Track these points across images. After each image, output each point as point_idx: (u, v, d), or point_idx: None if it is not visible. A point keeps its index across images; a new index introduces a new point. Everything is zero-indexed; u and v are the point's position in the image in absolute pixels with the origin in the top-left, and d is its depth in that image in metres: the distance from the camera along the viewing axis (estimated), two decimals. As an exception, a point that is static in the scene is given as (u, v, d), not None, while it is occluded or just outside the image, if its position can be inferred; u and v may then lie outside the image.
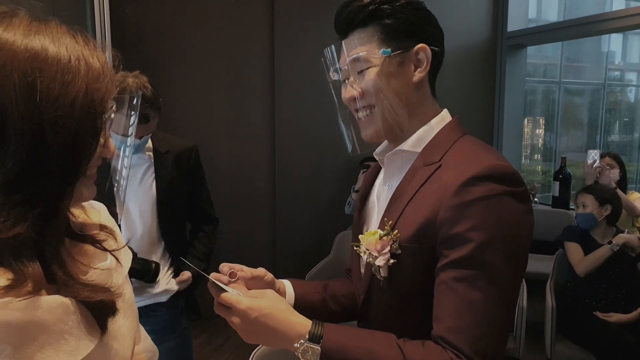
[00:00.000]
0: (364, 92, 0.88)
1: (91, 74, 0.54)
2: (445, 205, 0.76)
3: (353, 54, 0.87)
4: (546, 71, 7.77)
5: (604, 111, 8.01)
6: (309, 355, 0.74)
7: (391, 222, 0.83)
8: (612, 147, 8.11)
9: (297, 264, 3.40)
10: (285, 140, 3.70)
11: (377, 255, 0.82)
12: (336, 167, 3.87)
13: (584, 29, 4.03)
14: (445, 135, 0.87)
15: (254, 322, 0.76)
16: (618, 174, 3.04)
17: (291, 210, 3.80)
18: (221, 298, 0.79)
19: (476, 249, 0.73)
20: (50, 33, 0.53)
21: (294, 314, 0.79)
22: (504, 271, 0.74)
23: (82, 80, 0.52)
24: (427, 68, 0.86)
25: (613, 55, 8.76)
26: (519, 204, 0.76)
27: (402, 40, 0.86)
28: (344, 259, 2.85)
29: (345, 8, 0.88)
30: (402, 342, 0.76)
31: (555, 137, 7.49)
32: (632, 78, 9.30)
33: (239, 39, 3.49)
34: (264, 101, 3.63)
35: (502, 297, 0.74)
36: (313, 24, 3.59)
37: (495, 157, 0.79)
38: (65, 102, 0.51)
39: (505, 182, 0.75)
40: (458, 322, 0.73)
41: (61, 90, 0.50)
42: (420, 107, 0.89)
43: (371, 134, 0.91)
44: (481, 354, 0.72)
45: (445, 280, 0.75)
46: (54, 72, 0.51)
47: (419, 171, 0.84)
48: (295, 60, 3.61)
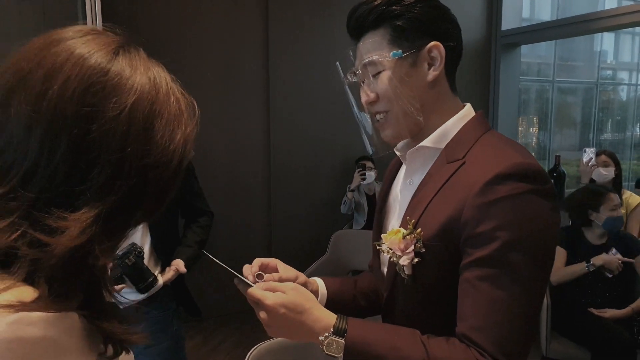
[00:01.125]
0: (379, 96, 0.87)
1: (185, 119, 0.55)
2: (469, 204, 0.75)
3: (365, 58, 0.87)
4: (540, 70, 7.81)
5: (596, 110, 8.06)
6: (333, 349, 0.75)
7: (414, 221, 0.82)
8: (604, 146, 8.17)
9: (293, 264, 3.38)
10: (281, 139, 3.69)
11: (401, 255, 0.82)
12: (332, 166, 3.87)
13: (577, 27, 4.05)
14: (468, 131, 0.86)
15: (281, 317, 0.77)
16: (613, 172, 3.04)
17: (287, 209, 3.79)
18: (248, 294, 0.80)
19: (501, 247, 0.73)
20: (159, 72, 0.54)
21: (320, 309, 0.80)
22: (528, 270, 0.73)
23: (184, 127, 0.54)
24: (441, 65, 0.85)
25: (605, 54, 8.82)
26: (544, 202, 0.75)
27: (414, 40, 0.84)
28: (341, 258, 2.85)
29: (355, 11, 0.88)
30: (426, 338, 0.77)
31: (549, 136, 7.53)
32: (624, 77, 9.38)
33: (234, 37, 3.48)
34: (258, 101, 3.62)
35: (526, 296, 0.73)
36: (307, 22, 3.58)
37: (520, 154, 0.78)
38: (170, 150, 0.52)
39: (531, 180, 0.75)
40: (482, 320, 0.73)
41: (170, 137, 0.52)
42: (439, 104, 0.88)
43: (390, 135, 0.90)
44: (505, 353, 0.72)
45: (469, 278, 0.75)
46: (166, 120, 0.52)
47: (442, 168, 0.84)
48: (290, 58, 3.60)
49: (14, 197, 0.47)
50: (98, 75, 0.48)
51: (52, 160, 0.47)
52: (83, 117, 0.47)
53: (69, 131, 0.47)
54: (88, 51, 0.49)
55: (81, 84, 0.47)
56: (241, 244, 3.59)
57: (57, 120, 0.47)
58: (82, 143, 0.47)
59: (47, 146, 0.47)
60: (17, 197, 0.47)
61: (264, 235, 3.77)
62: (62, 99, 0.47)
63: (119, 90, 0.49)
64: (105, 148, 0.48)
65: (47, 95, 0.47)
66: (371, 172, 3.34)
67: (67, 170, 0.47)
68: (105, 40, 0.52)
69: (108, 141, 0.48)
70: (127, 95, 0.49)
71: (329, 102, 3.71)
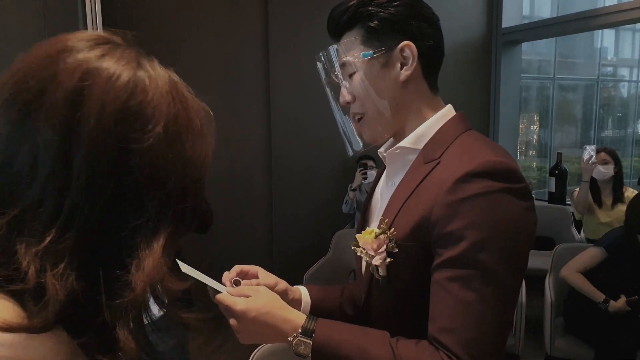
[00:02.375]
0: (354, 97, 0.88)
1: (205, 127, 0.54)
2: (439, 203, 0.74)
3: (340, 58, 0.87)
4: (540, 67, 7.80)
5: (597, 107, 8.05)
6: (302, 349, 0.76)
7: (387, 221, 0.81)
8: (605, 143, 8.16)
9: (294, 264, 3.39)
10: (281, 139, 3.68)
11: (374, 255, 0.82)
12: (333, 166, 3.86)
13: (578, 24, 4.04)
14: (446, 131, 0.85)
15: (251, 322, 0.77)
16: (613, 170, 3.03)
17: (288, 209, 3.79)
18: (217, 299, 0.79)
19: (470, 248, 0.71)
20: (178, 84, 0.52)
21: (289, 310, 0.80)
22: (500, 271, 0.71)
23: (205, 135, 0.53)
24: (413, 65, 0.83)
25: (606, 51, 8.80)
26: (517, 201, 0.73)
27: (385, 40, 0.83)
28: (342, 258, 2.84)
29: (333, 12, 0.88)
30: (394, 341, 0.75)
31: (550, 133, 7.52)
32: (624, 73, 9.36)
33: (233, 37, 3.47)
34: (259, 100, 3.61)
35: (498, 297, 0.71)
36: (307, 21, 3.58)
37: (493, 152, 0.77)
38: (200, 161, 0.51)
39: (503, 178, 0.73)
40: (451, 322, 0.72)
41: (202, 151, 0.51)
42: (415, 105, 0.87)
43: (369, 136, 0.91)
44: (474, 356, 0.70)
45: (439, 280, 0.74)
46: (194, 136, 0.51)
47: (420, 168, 0.82)
48: (290, 58, 3.59)
49: (62, 239, 0.43)
50: (131, 98, 0.45)
51: (96, 197, 0.43)
52: (124, 151, 0.44)
53: (111, 165, 0.44)
54: (114, 69, 0.46)
55: (117, 112, 0.44)
56: (242, 245, 3.59)
57: (98, 153, 0.43)
58: (125, 176, 0.44)
59: (90, 182, 0.43)
60: (65, 239, 0.43)
61: (265, 236, 3.77)
62: (101, 131, 0.43)
63: (149, 113, 0.46)
64: (150, 180, 0.46)
65: (80, 123, 0.43)
66: (373, 172, 3.33)
67: (116, 207, 0.45)
68: (125, 54, 0.48)
69: (152, 172, 0.46)
70: (159, 118, 0.46)
71: (328, 103, 3.70)
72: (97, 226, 0.44)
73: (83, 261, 0.44)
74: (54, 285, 0.42)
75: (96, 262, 0.45)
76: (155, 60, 0.51)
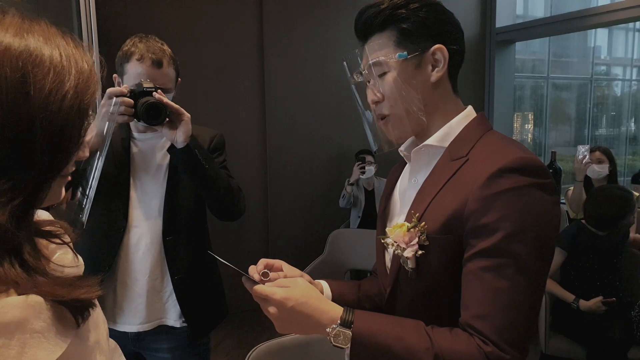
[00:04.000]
0: (385, 96, 0.90)
1: (80, 75, 0.55)
2: (473, 197, 0.77)
3: (372, 58, 0.90)
4: (534, 67, 7.84)
5: (591, 105, 8.10)
6: (341, 340, 0.78)
7: (418, 215, 0.84)
8: (599, 141, 8.21)
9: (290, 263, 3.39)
10: (276, 139, 3.68)
11: (405, 247, 0.84)
12: (328, 166, 3.87)
13: (571, 24, 4.07)
14: (471, 131, 0.89)
15: (289, 311, 0.80)
16: (607, 169, 3.06)
17: (283, 209, 3.79)
18: (254, 290, 0.83)
19: (504, 238, 0.74)
20: (42, 33, 0.54)
21: (326, 302, 0.83)
22: (531, 260, 0.75)
23: (72, 80, 0.53)
24: (444, 67, 0.88)
25: (599, 50, 8.87)
26: (546, 196, 0.77)
27: (419, 42, 0.87)
28: (338, 258, 2.85)
29: (363, 13, 0.91)
30: (430, 329, 0.79)
31: (544, 132, 7.56)
32: (618, 72, 9.42)
33: (228, 37, 3.47)
34: (254, 101, 3.61)
35: (529, 285, 0.75)
36: (302, 22, 3.58)
37: (521, 150, 0.81)
38: (56, 100, 0.52)
39: (532, 174, 0.77)
40: (485, 309, 0.75)
41: (52, 87, 0.51)
42: (442, 105, 0.91)
43: (396, 135, 0.93)
44: (508, 341, 0.73)
45: (473, 269, 0.77)
46: (47, 70, 0.52)
47: (447, 165, 0.86)
48: (285, 55, 3.59)
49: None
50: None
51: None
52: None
53: None
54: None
55: None
56: (238, 244, 3.59)
57: None
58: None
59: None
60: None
61: (261, 235, 3.77)
62: None
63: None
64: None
65: None
66: (371, 167, 3.33)
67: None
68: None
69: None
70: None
71: (324, 101, 3.71)
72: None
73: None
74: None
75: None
76: (15, 14, 0.55)
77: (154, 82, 1.37)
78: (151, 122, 1.32)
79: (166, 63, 1.43)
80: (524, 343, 0.75)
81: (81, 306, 0.56)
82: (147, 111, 1.30)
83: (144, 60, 1.37)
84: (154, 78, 1.37)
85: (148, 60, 1.38)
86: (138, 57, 1.37)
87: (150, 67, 1.38)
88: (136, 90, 1.33)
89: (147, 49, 1.39)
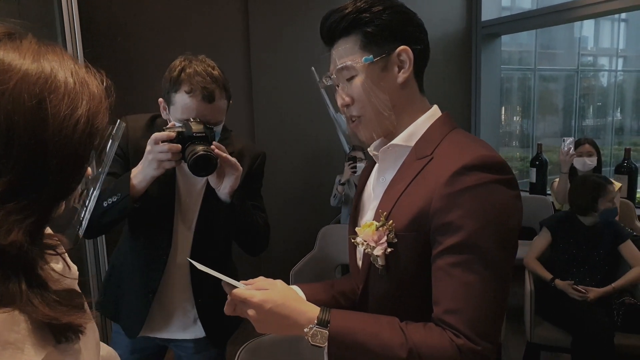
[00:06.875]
0: (354, 99, 0.92)
1: (92, 100, 0.57)
2: (437, 195, 0.80)
3: (339, 63, 0.91)
4: (521, 59, 7.88)
5: (578, 96, 8.17)
6: (318, 339, 0.81)
7: (385, 213, 0.87)
8: (586, 132, 8.30)
9: (280, 260, 3.40)
10: (265, 137, 3.68)
11: (375, 246, 0.86)
12: (317, 161, 3.88)
13: (558, 16, 4.09)
14: (436, 130, 0.91)
15: (268, 313, 0.83)
16: (596, 161, 3.16)
17: (273, 206, 3.79)
18: (234, 294, 0.85)
19: (470, 234, 0.77)
20: (57, 58, 0.56)
21: (304, 303, 0.86)
22: (497, 254, 0.78)
23: (85, 106, 0.55)
24: (410, 68, 0.90)
25: (585, 41, 8.92)
26: (508, 190, 0.80)
27: (384, 45, 0.89)
28: (328, 254, 2.87)
29: (327, 19, 0.92)
30: (404, 325, 0.81)
31: (532, 124, 7.61)
32: (604, 63, 9.50)
33: (214, 37, 3.45)
34: (242, 97, 3.60)
35: (497, 279, 0.78)
36: (287, 20, 3.57)
37: (484, 148, 0.83)
38: (70, 124, 0.53)
39: (494, 170, 0.80)
40: (455, 304, 0.78)
41: (67, 113, 0.53)
42: (409, 105, 0.93)
43: (366, 136, 0.95)
44: (479, 333, 0.76)
45: (442, 266, 0.80)
46: (62, 96, 0.53)
47: (412, 164, 0.88)
48: (272, 55, 3.59)
49: None
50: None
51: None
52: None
53: None
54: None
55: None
56: (229, 242, 3.59)
57: None
58: None
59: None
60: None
61: (252, 232, 3.77)
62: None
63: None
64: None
65: None
66: (362, 164, 3.33)
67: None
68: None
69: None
70: (11, 75, 0.51)
71: (312, 99, 3.71)
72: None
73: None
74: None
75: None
76: (31, 38, 0.56)
77: (204, 117, 1.28)
78: (199, 174, 1.24)
79: (218, 95, 1.31)
80: (495, 334, 0.78)
81: (70, 330, 0.57)
82: (196, 163, 1.21)
83: (194, 95, 1.26)
84: (204, 114, 1.28)
85: (199, 94, 1.26)
86: (187, 89, 1.26)
87: (200, 102, 1.27)
88: (185, 133, 1.24)
89: (198, 81, 1.27)
